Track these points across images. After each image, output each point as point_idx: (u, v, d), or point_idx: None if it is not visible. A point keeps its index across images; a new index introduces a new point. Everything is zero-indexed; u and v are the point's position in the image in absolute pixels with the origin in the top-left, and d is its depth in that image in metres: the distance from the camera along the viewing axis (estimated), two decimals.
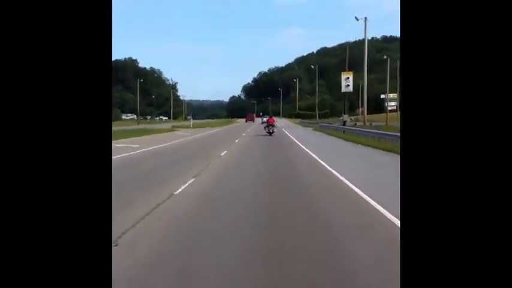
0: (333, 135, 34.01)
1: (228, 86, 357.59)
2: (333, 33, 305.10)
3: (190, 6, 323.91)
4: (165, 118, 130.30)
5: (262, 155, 17.96)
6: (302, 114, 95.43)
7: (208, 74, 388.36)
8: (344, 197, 8.44)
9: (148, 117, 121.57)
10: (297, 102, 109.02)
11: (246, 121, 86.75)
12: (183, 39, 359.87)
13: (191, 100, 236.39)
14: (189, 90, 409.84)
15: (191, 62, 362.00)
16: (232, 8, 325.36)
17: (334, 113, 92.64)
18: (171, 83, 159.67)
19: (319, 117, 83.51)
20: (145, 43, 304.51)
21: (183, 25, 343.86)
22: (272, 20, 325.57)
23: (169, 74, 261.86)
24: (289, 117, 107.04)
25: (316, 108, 72.85)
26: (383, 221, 6.17)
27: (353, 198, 8.16)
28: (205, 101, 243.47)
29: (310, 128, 48.91)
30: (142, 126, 55.41)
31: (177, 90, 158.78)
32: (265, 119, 41.03)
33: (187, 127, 53.46)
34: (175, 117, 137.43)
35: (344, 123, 39.61)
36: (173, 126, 54.44)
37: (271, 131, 33.36)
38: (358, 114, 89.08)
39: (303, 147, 21.78)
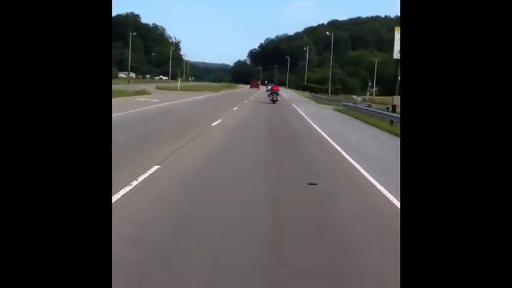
0: (379, 127, 18.86)
1: (234, 50, 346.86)
2: (344, 7, 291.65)
3: None
4: (165, 78, 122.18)
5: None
6: (310, 86, 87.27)
7: (214, 36, 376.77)
8: None
9: (148, 76, 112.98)
10: (306, 73, 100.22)
11: (251, 87, 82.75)
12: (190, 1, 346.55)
13: (196, 62, 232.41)
14: (194, 52, 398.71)
15: (197, 23, 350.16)
16: None
17: (347, 89, 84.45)
18: (174, 41, 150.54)
19: (326, 92, 75.95)
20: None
21: None
22: None
23: (173, 32, 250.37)
24: (295, 89, 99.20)
25: (329, 83, 64.22)
26: None
27: None
28: (210, 63, 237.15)
29: (330, 108, 33.95)
30: (123, 86, 46.08)
31: (179, 50, 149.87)
32: (270, 87, 38.67)
33: (175, 89, 45.42)
34: (176, 78, 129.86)
35: (391, 108, 23.34)
36: (157, 87, 46.46)
37: (274, 98, 33.04)
38: (371, 95, 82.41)
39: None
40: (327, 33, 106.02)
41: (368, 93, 77.59)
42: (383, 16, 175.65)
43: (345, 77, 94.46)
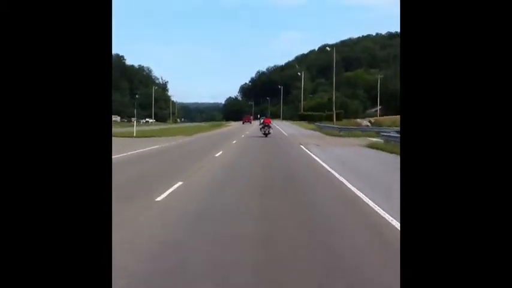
0: None
1: (225, 88, 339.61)
2: (334, 31, 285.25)
3: (185, 6, 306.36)
4: (152, 120, 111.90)
5: None
6: (307, 115, 76.62)
7: (204, 76, 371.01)
8: None
9: (133, 119, 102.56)
10: (302, 102, 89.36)
11: (243, 123, 78.83)
12: (177, 40, 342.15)
13: (188, 103, 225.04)
14: (185, 93, 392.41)
15: (186, 64, 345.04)
16: (227, 9, 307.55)
17: (348, 112, 73.42)
18: (161, 82, 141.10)
19: (328, 119, 65.18)
20: (135, 41, 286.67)
21: (177, 25, 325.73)
22: (270, 23, 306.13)
23: (160, 73, 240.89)
24: (290, 119, 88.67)
25: (334, 108, 51.71)
26: None
27: None
28: (203, 103, 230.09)
29: (358, 144, 22.46)
30: None
31: (167, 90, 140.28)
32: (262, 120, 35.67)
33: (130, 135, 31.72)
34: (164, 120, 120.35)
35: None
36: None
37: (267, 132, 31.09)
38: (374, 116, 72.26)
39: None
40: (328, 48, 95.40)
41: (367, 119, 66.62)
42: (374, 34, 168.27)
43: (344, 99, 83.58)
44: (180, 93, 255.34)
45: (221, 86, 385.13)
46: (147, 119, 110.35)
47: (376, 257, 4.50)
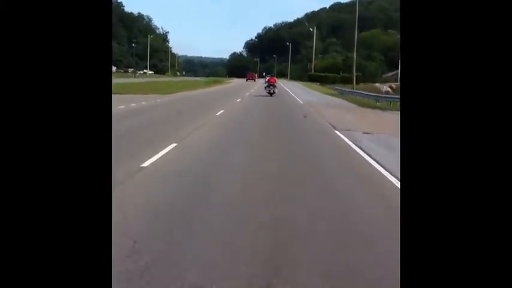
0: None
1: (231, 43, 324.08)
2: None
3: None
4: (150, 72, 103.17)
5: None
6: (318, 76, 67.83)
7: (210, 29, 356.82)
8: None
9: (131, 70, 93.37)
10: (313, 61, 79.84)
11: (247, 80, 74.37)
12: None
13: (192, 56, 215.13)
14: (189, 46, 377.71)
15: (191, 16, 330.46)
16: None
17: (366, 76, 64.28)
18: (161, 32, 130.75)
19: (344, 82, 56.56)
20: None
21: None
22: None
23: (163, 24, 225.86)
24: (299, 80, 79.87)
25: (354, 68, 40.64)
26: None
27: None
28: (207, 57, 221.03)
29: None
30: None
31: (167, 41, 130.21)
32: (267, 78, 32.44)
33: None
34: (163, 72, 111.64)
35: None
36: None
37: (271, 91, 28.43)
38: (391, 81, 63.44)
39: None
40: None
41: (388, 84, 57.70)
42: None
43: (360, 61, 74.29)
44: (184, 46, 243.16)
45: (226, 41, 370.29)
46: (144, 71, 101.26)
47: None
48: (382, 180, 6.24)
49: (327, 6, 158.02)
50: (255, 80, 72.42)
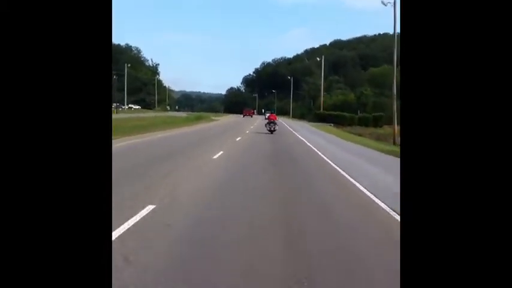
0: None
1: (229, 79, 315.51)
2: (345, 28, 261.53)
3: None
4: (137, 107, 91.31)
5: None
6: (328, 116, 55.91)
7: (208, 65, 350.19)
8: None
9: (114, 104, 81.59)
10: (322, 97, 67.34)
11: (244, 116, 72.03)
12: (179, 29, 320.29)
13: (191, 92, 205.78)
14: (188, 81, 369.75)
15: (190, 53, 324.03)
16: (235, 7, 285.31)
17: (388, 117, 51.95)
18: (151, 64, 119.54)
19: (362, 123, 44.72)
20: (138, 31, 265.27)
21: (182, 16, 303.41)
22: (278, 19, 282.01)
23: (151, 56, 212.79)
24: (303, 118, 68.06)
25: (394, 105, 23.94)
26: None
27: None
28: (205, 93, 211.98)
29: None
30: None
31: (158, 74, 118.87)
32: (267, 115, 32.11)
33: None
34: (152, 107, 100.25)
35: None
36: None
37: (272, 128, 27.41)
38: None
39: None
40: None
41: None
42: (391, 33, 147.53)
43: (380, 98, 62.24)
44: (182, 81, 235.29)
45: (225, 76, 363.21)
46: (130, 105, 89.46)
47: None
48: None
49: (327, 43, 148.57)
50: (252, 116, 68.48)
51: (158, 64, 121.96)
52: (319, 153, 15.51)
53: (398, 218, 5.52)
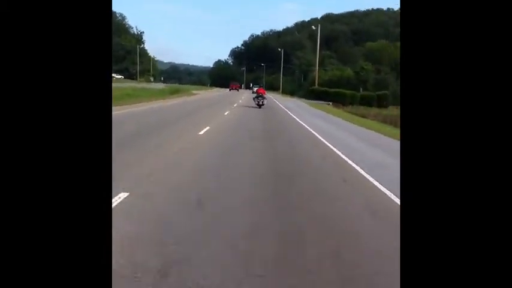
0: None
1: (218, 51, 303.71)
2: (337, 2, 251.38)
3: None
4: (119, 77, 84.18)
5: None
6: (324, 93, 49.82)
7: (197, 37, 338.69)
8: None
9: None
10: (317, 72, 60.62)
11: (230, 90, 68.87)
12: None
13: (179, 63, 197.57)
14: (176, 53, 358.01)
15: (180, 24, 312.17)
16: None
17: (395, 96, 45.92)
18: (135, 32, 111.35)
19: (364, 102, 38.91)
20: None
21: None
22: None
23: (136, 23, 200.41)
24: (292, 94, 62.15)
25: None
26: None
27: None
28: (194, 65, 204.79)
29: None
30: None
31: (143, 43, 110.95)
32: (255, 89, 30.09)
33: None
34: (133, 77, 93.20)
35: None
36: None
37: (260, 102, 25.66)
38: None
39: None
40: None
41: None
42: (385, 9, 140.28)
43: (382, 76, 55.88)
44: (170, 52, 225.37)
45: (214, 49, 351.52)
46: (113, 75, 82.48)
47: None
48: None
49: (318, 16, 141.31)
50: (238, 90, 65.87)
51: (143, 32, 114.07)
52: (343, 156, 9.76)
53: None
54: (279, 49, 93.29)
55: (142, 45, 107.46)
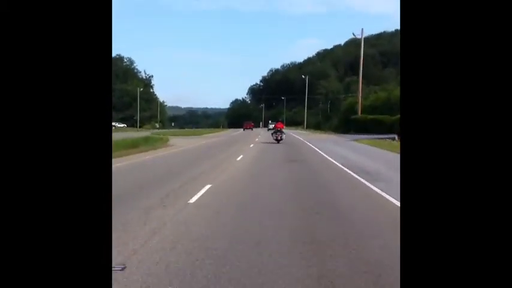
0: None
1: (236, 93, 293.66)
2: (360, 28, 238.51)
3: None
4: (122, 125, 71.33)
5: None
6: (371, 121, 34.25)
7: (215, 81, 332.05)
8: None
9: None
10: (360, 95, 44.09)
11: (244, 129, 64.70)
12: (182, 46, 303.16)
13: (197, 108, 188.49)
14: (195, 98, 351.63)
15: (195, 67, 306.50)
16: (240, 18, 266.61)
17: None
18: (143, 77, 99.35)
19: None
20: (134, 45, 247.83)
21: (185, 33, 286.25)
22: (286, 30, 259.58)
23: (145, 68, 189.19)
24: (317, 129, 47.18)
25: None
26: None
27: None
28: (213, 108, 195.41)
29: None
30: None
31: (151, 87, 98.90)
32: (272, 126, 29.63)
33: None
34: (142, 125, 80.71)
35: None
36: None
37: (279, 138, 24.14)
38: None
39: None
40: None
41: None
42: None
43: None
44: (187, 98, 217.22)
45: (231, 90, 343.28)
46: (115, 124, 69.48)
47: None
48: None
49: (341, 43, 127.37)
50: (252, 129, 64.27)
51: (152, 76, 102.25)
52: None
53: None
54: (303, 76, 78.47)
55: (151, 90, 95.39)
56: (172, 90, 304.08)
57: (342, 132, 37.57)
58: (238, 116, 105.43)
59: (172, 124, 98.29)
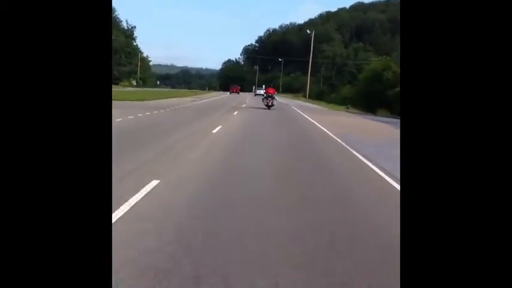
0: None
1: (230, 52, 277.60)
2: None
3: None
4: None
5: None
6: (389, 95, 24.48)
7: (208, 39, 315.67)
8: None
9: None
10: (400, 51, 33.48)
11: (230, 93, 60.56)
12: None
13: (192, 67, 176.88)
14: (192, 57, 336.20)
15: (193, 28, 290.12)
16: None
17: None
18: (126, 27, 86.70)
19: None
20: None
21: None
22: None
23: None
24: (320, 99, 37.21)
25: None
26: None
27: None
28: (207, 69, 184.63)
29: None
30: None
31: (134, 39, 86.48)
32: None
33: None
34: (120, 81, 69.70)
35: None
36: None
37: (269, 103, 23.86)
38: None
39: None
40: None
41: None
42: None
43: None
44: (183, 57, 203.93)
45: (226, 50, 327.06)
46: None
47: None
48: None
49: (347, 6, 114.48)
50: (238, 93, 60.60)
51: (134, 27, 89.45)
52: None
53: None
54: (308, 31, 66.82)
55: (135, 43, 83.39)
56: (168, 49, 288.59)
57: (367, 111, 27.51)
58: (230, 77, 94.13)
59: (158, 83, 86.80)
